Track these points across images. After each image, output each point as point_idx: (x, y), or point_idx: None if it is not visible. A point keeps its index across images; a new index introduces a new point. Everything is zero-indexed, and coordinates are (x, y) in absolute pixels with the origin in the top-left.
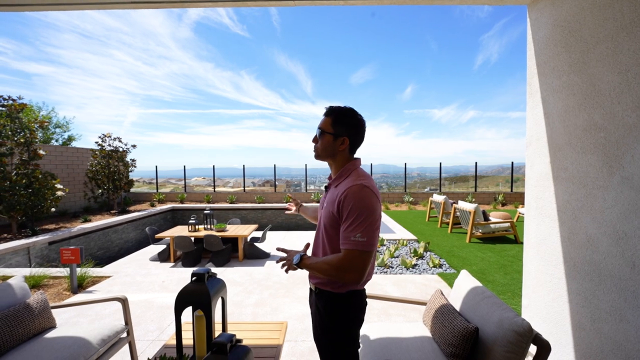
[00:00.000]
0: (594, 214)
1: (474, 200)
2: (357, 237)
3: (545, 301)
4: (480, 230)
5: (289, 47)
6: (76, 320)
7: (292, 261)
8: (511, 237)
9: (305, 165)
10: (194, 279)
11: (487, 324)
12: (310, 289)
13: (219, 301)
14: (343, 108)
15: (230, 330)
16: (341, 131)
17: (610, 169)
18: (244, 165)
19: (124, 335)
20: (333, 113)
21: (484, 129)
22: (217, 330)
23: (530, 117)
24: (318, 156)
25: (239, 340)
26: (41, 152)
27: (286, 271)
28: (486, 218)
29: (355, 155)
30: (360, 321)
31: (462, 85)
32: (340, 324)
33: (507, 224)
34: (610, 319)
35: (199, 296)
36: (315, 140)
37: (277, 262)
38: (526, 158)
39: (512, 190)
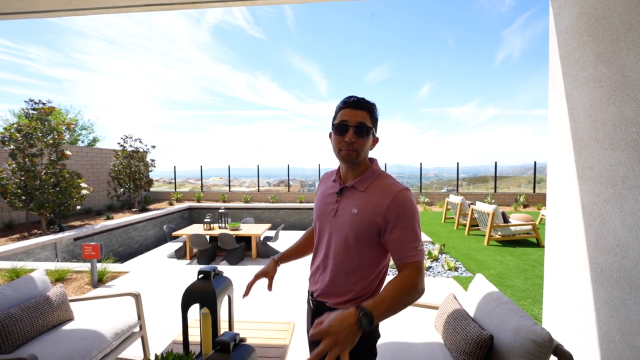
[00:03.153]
0: (624, 216)
1: (493, 201)
2: (420, 247)
3: (569, 309)
4: (499, 233)
5: (304, 48)
6: (94, 314)
7: (353, 329)
8: (533, 241)
9: (319, 165)
10: (200, 276)
11: (503, 331)
12: (320, 313)
13: (226, 299)
14: (372, 102)
15: (237, 328)
16: (375, 128)
17: None
18: (258, 166)
19: (137, 329)
20: (369, 107)
21: (505, 127)
22: (224, 328)
23: (552, 113)
24: (356, 157)
25: (243, 339)
26: (68, 152)
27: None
28: (506, 220)
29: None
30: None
31: (482, 82)
32: (372, 336)
33: (529, 227)
34: None
35: (205, 294)
36: (352, 137)
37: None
38: (548, 156)
39: (534, 192)
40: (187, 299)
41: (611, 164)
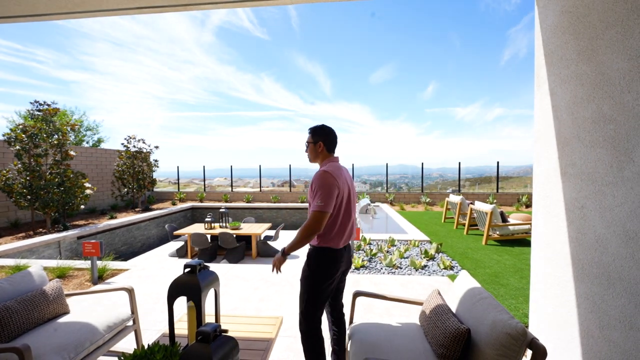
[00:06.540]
0: (602, 212)
1: (495, 201)
2: (318, 203)
3: (553, 305)
4: (497, 232)
5: (308, 48)
6: (93, 308)
7: (278, 255)
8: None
9: None
10: (186, 270)
11: (481, 325)
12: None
13: (212, 293)
14: (317, 125)
15: (225, 322)
16: (317, 138)
17: (620, 163)
18: (260, 166)
19: (130, 323)
20: (311, 129)
21: (512, 127)
22: (211, 321)
23: (537, 110)
24: (310, 160)
25: (224, 331)
26: (72, 152)
27: (278, 269)
28: (504, 219)
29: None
30: (329, 275)
31: (488, 82)
32: (313, 272)
33: (528, 226)
34: (619, 325)
35: (190, 287)
36: (306, 150)
37: (273, 271)
38: (534, 154)
39: None
40: (173, 292)
41: (591, 160)
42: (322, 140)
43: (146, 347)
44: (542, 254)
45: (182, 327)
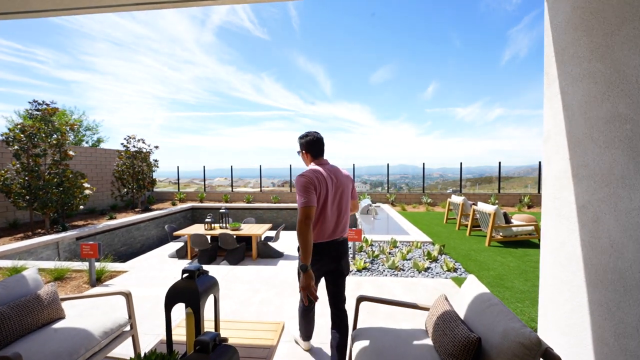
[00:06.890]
0: (618, 215)
1: (497, 202)
2: (301, 200)
3: (564, 311)
4: (501, 234)
5: (308, 48)
6: (89, 313)
7: (301, 276)
8: (535, 242)
9: None
10: (184, 275)
11: (492, 334)
12: None
13: (212, 299)
14: (302, 134)
15: (225, 328)
16: (301, 147)
17: (637, 165)
18: (260, 166)
19: (127, 328)
20: (298, 139)
21: (512, 127)
22: (211, 328)
23: (547, 110)
24: (306, 165)
25: (224, 339)
26: (71, 152)
27: (311, 294)
28: (507, 220)
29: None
30: (314, 261)
31: (488, 82)
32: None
33: (531, 227)
34: (637, 334)
35: (188, 293)
36: None
37: (305, 300)
38: (543, 155)
39: (539, 192)
40: (170, 299)
41: (605, 162)
42: (304, 149)
43: (142, 355)
44: (552, 257)
45: (180, 334)
